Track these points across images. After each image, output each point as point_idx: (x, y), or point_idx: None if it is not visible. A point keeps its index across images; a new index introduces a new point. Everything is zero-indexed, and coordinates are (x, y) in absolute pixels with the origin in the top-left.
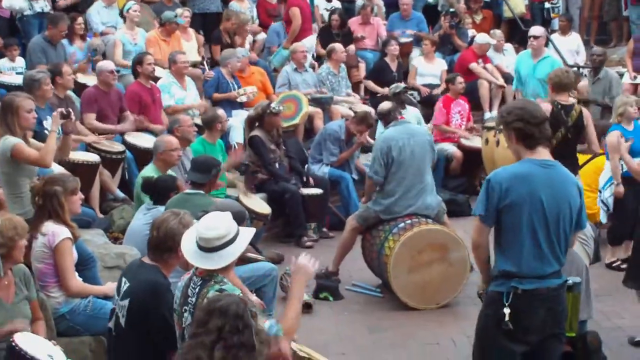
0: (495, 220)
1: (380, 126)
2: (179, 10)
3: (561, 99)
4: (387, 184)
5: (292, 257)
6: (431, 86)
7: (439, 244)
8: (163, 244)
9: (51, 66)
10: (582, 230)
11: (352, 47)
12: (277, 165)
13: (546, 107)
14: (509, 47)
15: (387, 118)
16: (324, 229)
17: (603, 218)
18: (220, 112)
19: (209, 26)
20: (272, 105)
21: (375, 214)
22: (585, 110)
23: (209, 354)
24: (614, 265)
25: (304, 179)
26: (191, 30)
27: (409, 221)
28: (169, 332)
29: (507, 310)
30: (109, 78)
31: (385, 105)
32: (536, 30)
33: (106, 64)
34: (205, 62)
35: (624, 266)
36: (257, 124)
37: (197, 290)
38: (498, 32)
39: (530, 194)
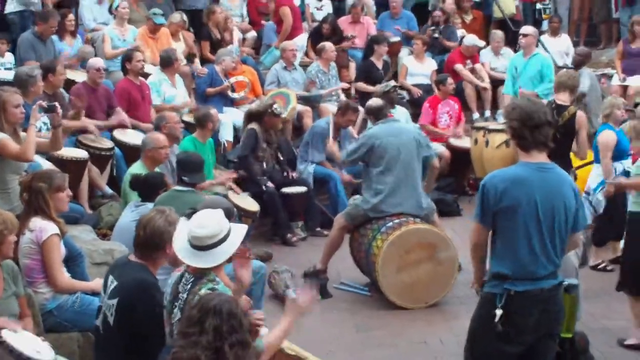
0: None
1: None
2: (175, 16)
3: (559, 98)
4: (375, 182)
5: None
6: (421, 86)
7: (427, 243)
8: (150, 242)
9: (46, 62)
10: (580, 232)
11: (343, 44)
12: (264, 164)
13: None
14: (506, 50)
15: (377, 115)
16: (318, 228)
17: (588, 219)
18: (213, 111)
19: (197, 23)
20: (275, 106)
21: (364, 212)
22: (580, 115)
23: (208, 353)
24: (599, 267)
25: (286, 175)
26: (181, 33)
27: (397, 220)
28: (157, 331)
29: (498, 312)
30: (95, 76)
31: (375, 102)
32: (526, 29)
33: (94, 62)
34: (197, 60)
35: (610, 268)
36: (255, 119)
37: (188, 287)
38: (499, 34)
39: (525, 197)
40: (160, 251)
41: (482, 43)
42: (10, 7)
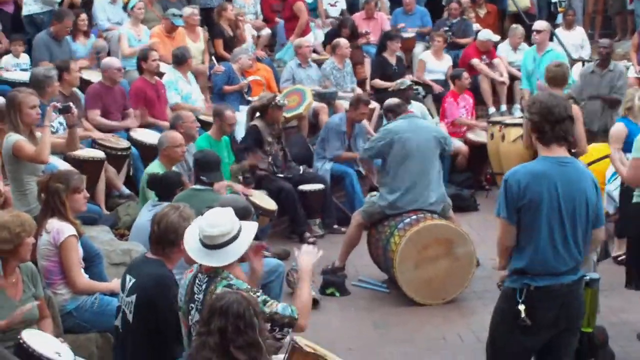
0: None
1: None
2: (187, 10)
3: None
4: (392, 179)
5: (295, 251)
6: (439, 82)
7: (444, 239)
8: (164, 237)
9: (59, 62)
10: (602, 226)
11: (360, 40)
12: (270, 158)
13: None
14: (523, 45)
15: (396, 111)
16: (335, 226)
17: (610, 209)
18: (229, 113)
19: (212, 21)
20: (278, 98)
21: (380, 209)
22: (573, 108)
23: (217, 354)
24: (620, 259)
25: (301, 173)
26: (200, 31)
27: (414, 216)
28: (175, 326)
29: (521, 307)
30: (115, 75)
31: (393, 100)
32: (539, 24)
33: (113, 61)
34: (213, 58)
35: None
36: (258, 114)
37: (204, 287)
38: (520, 29)
39: (547, 192)
40: (174, 247)
41: (497, 37)
42: (36, 7)
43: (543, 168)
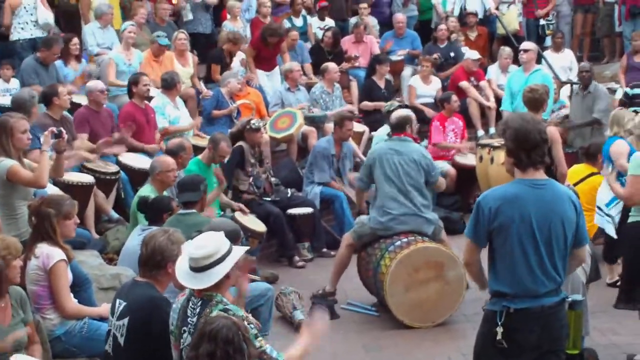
0: (488, 242)
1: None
2: (174, 34)
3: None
4: (379, 199)
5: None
6: (428, 105)
7: (435, 262)
8: (151, 260)
9: (47, 88)
10: (585, 246)
11: (344, 65)
12: (250, 178)
13: None
14: (512, 67)
15: (391, 129)
16: (324, 249)
17: (613, 233)
18: (224, 146)
19: (199, 46)
20: (252, 121)
21: (371, 230)
22: (550, 130)
23: None
24: (617, 284)
25: (289, 196)
26: (189, 55)
27: (405, 239)
28: (169, 346)
29: (499, 330)
30: (99, 97)
31: (398, 113)
32: (526, 44)
33: (96, 84)
34: (202, 82)
35: None
36: (239, 139)
37: (197, 310)
38: (507, 50)
39: (519, 215)
40: (162, 269)
41: (476, 56)
42: (37, 32)
43: (516, 191)
